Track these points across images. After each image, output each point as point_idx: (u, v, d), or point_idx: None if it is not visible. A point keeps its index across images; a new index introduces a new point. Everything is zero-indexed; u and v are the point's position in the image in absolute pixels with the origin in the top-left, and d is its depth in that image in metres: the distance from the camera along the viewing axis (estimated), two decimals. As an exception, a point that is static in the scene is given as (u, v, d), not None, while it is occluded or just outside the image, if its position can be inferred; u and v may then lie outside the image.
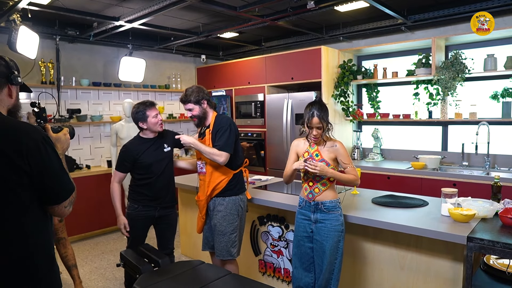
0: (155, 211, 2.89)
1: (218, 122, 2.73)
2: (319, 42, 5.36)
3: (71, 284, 3.56)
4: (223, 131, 2.66)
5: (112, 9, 4.05)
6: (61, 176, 1.38)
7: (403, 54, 4.76)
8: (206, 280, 2.24)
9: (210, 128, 2.74)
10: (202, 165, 2.79)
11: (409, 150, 4.73)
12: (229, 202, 2.73)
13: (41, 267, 1.36)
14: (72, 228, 4.60)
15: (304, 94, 4.84)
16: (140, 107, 2.91)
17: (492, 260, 2.17)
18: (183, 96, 2.77)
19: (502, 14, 3.97)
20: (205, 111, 2.76)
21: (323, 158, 2.35)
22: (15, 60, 1.46)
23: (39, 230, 1.36)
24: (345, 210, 2.55)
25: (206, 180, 2.75)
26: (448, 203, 2.36)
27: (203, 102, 2.74)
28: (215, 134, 2.68)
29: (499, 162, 4.08)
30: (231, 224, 2.74)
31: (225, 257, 2.75)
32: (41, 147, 1.30)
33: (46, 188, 1.33)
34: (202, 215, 2.84)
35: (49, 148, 1.34)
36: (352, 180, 2.38)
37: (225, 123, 2.70)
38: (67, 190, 1.40)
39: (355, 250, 2.69)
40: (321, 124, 2.30)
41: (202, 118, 2.77)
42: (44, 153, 1.31)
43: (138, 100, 5.78)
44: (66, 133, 1.61)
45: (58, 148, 1.55)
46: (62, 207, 1.39)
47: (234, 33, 5.09)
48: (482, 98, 4.16)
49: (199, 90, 2.75)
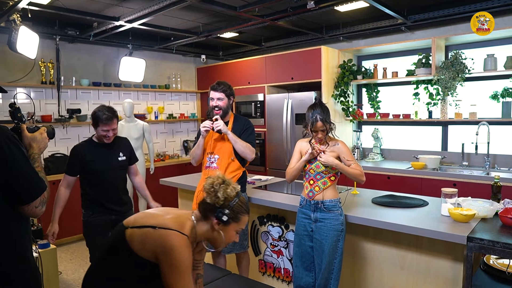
0: (111, 215, 2.77)
1: (240, 121, 2.87)
2: (319, 42, 5.36)
3: (71, 284, 3.56)
4: (251, 130, 2.84)
5: (112, 9, 4.05)
6: (29, 175, 1.35)
7: (403, 54, 4.76)
8: (206, 280, 2.24)
9: (230, 125, 2.83)
10: (214, 159, 2.79)
11: (409, 150, 4.73)
12: None
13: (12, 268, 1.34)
14: (72, 228, 4.60)
15: (304, 94, 4.84)
16: (98, 113, 2.66)
17: (492, 260, 2.17)
18: (217, 84, 2.81)
19: (502, 14, 3.97)
20: (229, 106, 2.87)
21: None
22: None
23: (12, 232, 1.34)
24: (345, 210, 2.55)
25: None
26: (448, 203, 2.36)
27: (231, 98, 2.86)
28: (241, 131, 2.79)
29: (499, 162, 4.08)
30: None
31: (239, 250, 2.84)
32: (4, 146, 1.28)
33: (12, 188, 1.31)
34: None
35: (14, 147, 1.32)
36: (357, 174, 2.38)
37: (249, 123, 2.88)
38: (36, 189, 1.36)
39: (355, 250, 2.69)
40: (324, 127, 2.32)
41: (225, 111, 2.83)
42: (8, 152, 1.29)
43: (138, 100, 5.83)
44: (42, 132, 1.58)
45: (34, 147, 1.52)
46: (32, 207, 1.35)
47: (234, 33, 5.09)
48: (482, 98, 4.16)
49: (231, 87, 2.87)
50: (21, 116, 1.57)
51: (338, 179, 2.47)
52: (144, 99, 5.96)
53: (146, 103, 5.97)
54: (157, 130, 6.11)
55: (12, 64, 4.48)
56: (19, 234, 1.39)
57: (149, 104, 6.00)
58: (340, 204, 2.42)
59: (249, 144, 2.73)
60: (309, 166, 2.42)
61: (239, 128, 2.80)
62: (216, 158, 2.78)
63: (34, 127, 1.59)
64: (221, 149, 2.78)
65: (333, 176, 2.39)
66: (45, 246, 2.88)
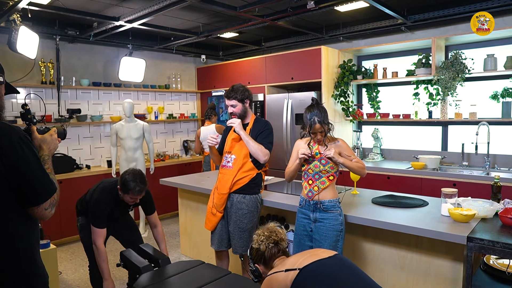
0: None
1: (260, 123, 2.87)
2: (319, 42, 5.36)
3: (71, 284, 3.57)
4: (268, 132, 2.83)
5: (112, 9, 4.05)
6: (39, 177, 1.34)
7: (403, 54, 4.76)
8: (206, 280, 2.24)
9: (249, 127, 2.84)
10: (230, 159, 2.82)
11: (409, 150, 4.73)
12: (250, 200, 2.81)
13: (23, 271, 1.33)
14: (72, 228, 4.60)
15: (304, 94, 4.83)
16: (131, 183, 2.60)
17: (492, 260, 2.18)
18: (229, 92, 2.82)
19: (502, 14, 3.97)
20: (246, 110, 2.87)
21: (322, 157, 2.36)
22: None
23: (21, 233, 1.34)
24: (345, 210, 2.55)
25: (232, 174, 2.78)
26: (448, 203, 2.36)
27: (247, 101, 2.85)
28: (258, 133, 2.80)
29: (499, 162, 4.08)
30: (251, 221, 2.82)
31: (245, 251, 2.83)
32: (17, 147, 1.28)
33: (22, 189, 1.30)
34: (221, 210, 2.85)
35: (26, 148, 1.31)
36: (360, 167, 2.39)
37: (269, 125, 2.88)
38: (46, 191, 1.35)
39: (355, 250, 2.69)
40: (323, 128, 2.32)
41: (242, 116, 2.84)
42: (20, 153, 1.28)
43: (138, 100, 5.83)
44: (53, 134, 1.56)
45: (44, 149, 1.50)
46: (42, 209, 1.35)
47: (234, 33, 5.09)
48: (482, 98, 4.16)
49: (245, 89, 2.85)
50: (31, 117, 1.56)
51: (337, 178, 2.46)
52: (144, 99, 5.96)
53: (146, 103, 5.97)
54: (157, 130, 6.11)
55: (12, 64, 4.48)
56: (31, 238, 1.39)
57: (149, 104, 6.00)
58: (339, 204, 2.42)
59: (262, 146, 2.74)
60: (307, 166, 2.41)
61: (256, 130, 2.83)
62: (233, 158, 2.81)
63: (44, 128, 1.58)
64: (238, 149, 2.81)
65: (331, 175, 2.39)
66: (45, 246, 2.88)
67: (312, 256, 1.67)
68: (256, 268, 1.88)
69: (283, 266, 1.69)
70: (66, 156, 4.81)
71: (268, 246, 1.85)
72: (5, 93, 1.49)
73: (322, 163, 2.37)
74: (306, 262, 1.62)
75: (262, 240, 1.86)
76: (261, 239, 1.87)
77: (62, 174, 4.54)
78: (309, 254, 1.71)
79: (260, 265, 1.87)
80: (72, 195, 4.53)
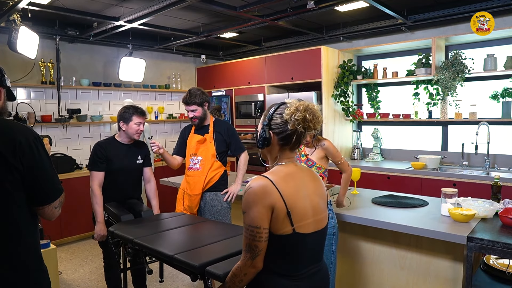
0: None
1: (221, 124, 2.98)
2: (319, 42, 5.36)
3: (71, 284, 3.57)
4: (236, 135, 2.99)
5: (112, 9, 4.05)
6: (52, 176, 1.39)
7: (403, 54, 4.76)
8: (183, 224, 2.33)
9: (211, 129, 2.93)
10: (197, 161, 2.90)
11: (409, 150, 4.73)
12: (222, 197, 2.90)
13: (31, 266, 1.36)
14: (72, 228, 4.60)
15: (304, 94, 4.83)
16: (130, 108, 2.77)
17: (492, 260, 2.17)
18: (187, 98, 2.85)
19: (502, 14, 3.97)
20: (206, 112, 2.93)
21: (308, 158, 2.35)
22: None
23: (30, 231, 1.37)
24: (344, 210, 2.55)
25: (203, 175, 2.86)
26: (448, 203, 2.35)
27: (205, 104, 2.91)
28: (227, 137, 2.93)
29: (499, 162, 4.08)
30: (226, 217, 2.90)
31: None
32: (33, 146, 1.32)
33: (37, 187, 1.34)
34: (194, 212, 2.91)
35: (41, 147, 1.35)
36: (348, 179, 2.42)
37: (232, 128, 3.02)
38: (57, 190, 1.41)
39: (355, 250, 2.69)
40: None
41: (202, 119, 2.91)
42: (36, 152, 1.32)
43: (138, 100, 5.83)
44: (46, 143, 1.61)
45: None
46: (52, 207, 1.39)
47: (234, 33, 5.09)
48: (482, 98, 4.16)
49: (202, 92, 2.89)
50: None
51: (336, 179, 2.45)
52: (144, 99, 5.96)
53: (146, 103, 5.97)
54: (157, 130, 6.11)
55: (12, 64, 4.48)
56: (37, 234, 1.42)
57: (149, 104, 6.00)
58: (331, 207, 2.39)
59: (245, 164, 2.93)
60: None
61: (222, 132, 2.92)
62: (199, 160, 2.89)
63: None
64: (204, 150, 2.89)
65: (320, 176, 2.37)
66: (45, 246, 2.88)
67: (315, 223, 1.44)
68: (270, 136, 1.44)
69: (287, 183, 1.39)
70: (66, 156, 4.81)
71: (298, 129, 1.40)
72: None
73: (308, 165, 2.35)
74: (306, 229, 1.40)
75: (297, 119, 1.38)
76: (295, 116, 1.39)
77: (62, 174, 4.54)
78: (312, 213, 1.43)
79: (275, 136, 1.45)
80: (72, 195, 4.54)
